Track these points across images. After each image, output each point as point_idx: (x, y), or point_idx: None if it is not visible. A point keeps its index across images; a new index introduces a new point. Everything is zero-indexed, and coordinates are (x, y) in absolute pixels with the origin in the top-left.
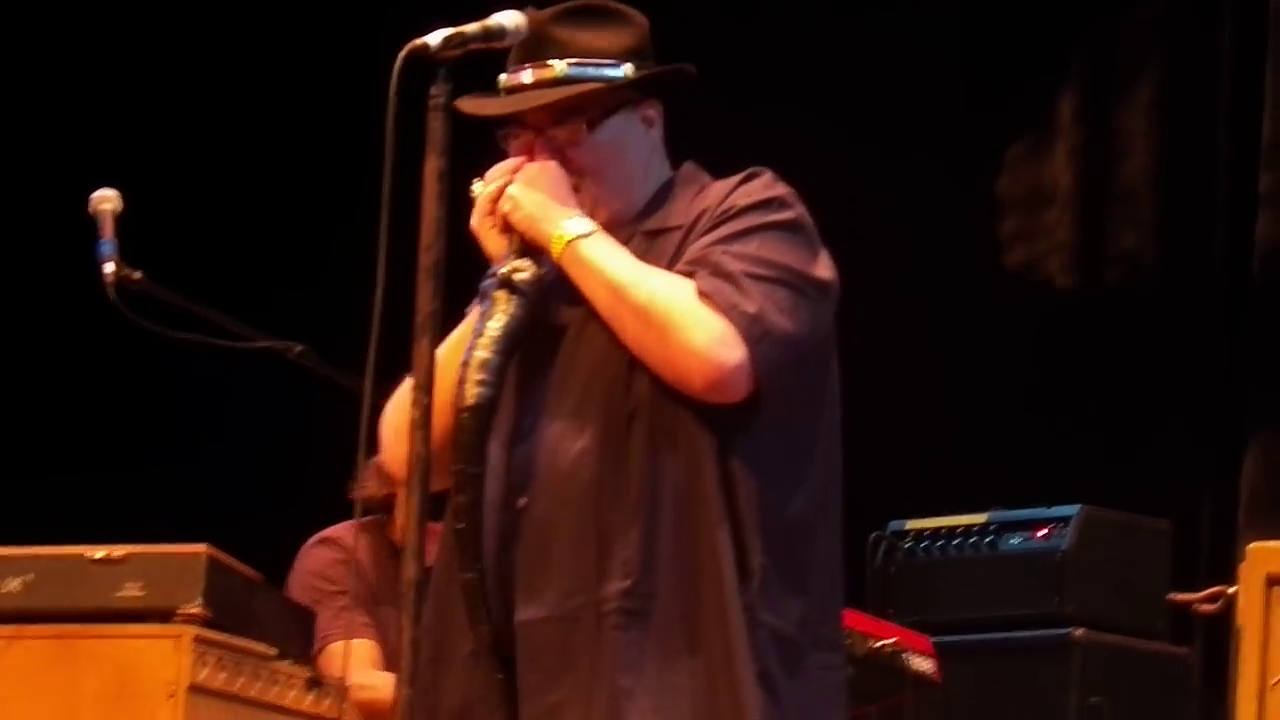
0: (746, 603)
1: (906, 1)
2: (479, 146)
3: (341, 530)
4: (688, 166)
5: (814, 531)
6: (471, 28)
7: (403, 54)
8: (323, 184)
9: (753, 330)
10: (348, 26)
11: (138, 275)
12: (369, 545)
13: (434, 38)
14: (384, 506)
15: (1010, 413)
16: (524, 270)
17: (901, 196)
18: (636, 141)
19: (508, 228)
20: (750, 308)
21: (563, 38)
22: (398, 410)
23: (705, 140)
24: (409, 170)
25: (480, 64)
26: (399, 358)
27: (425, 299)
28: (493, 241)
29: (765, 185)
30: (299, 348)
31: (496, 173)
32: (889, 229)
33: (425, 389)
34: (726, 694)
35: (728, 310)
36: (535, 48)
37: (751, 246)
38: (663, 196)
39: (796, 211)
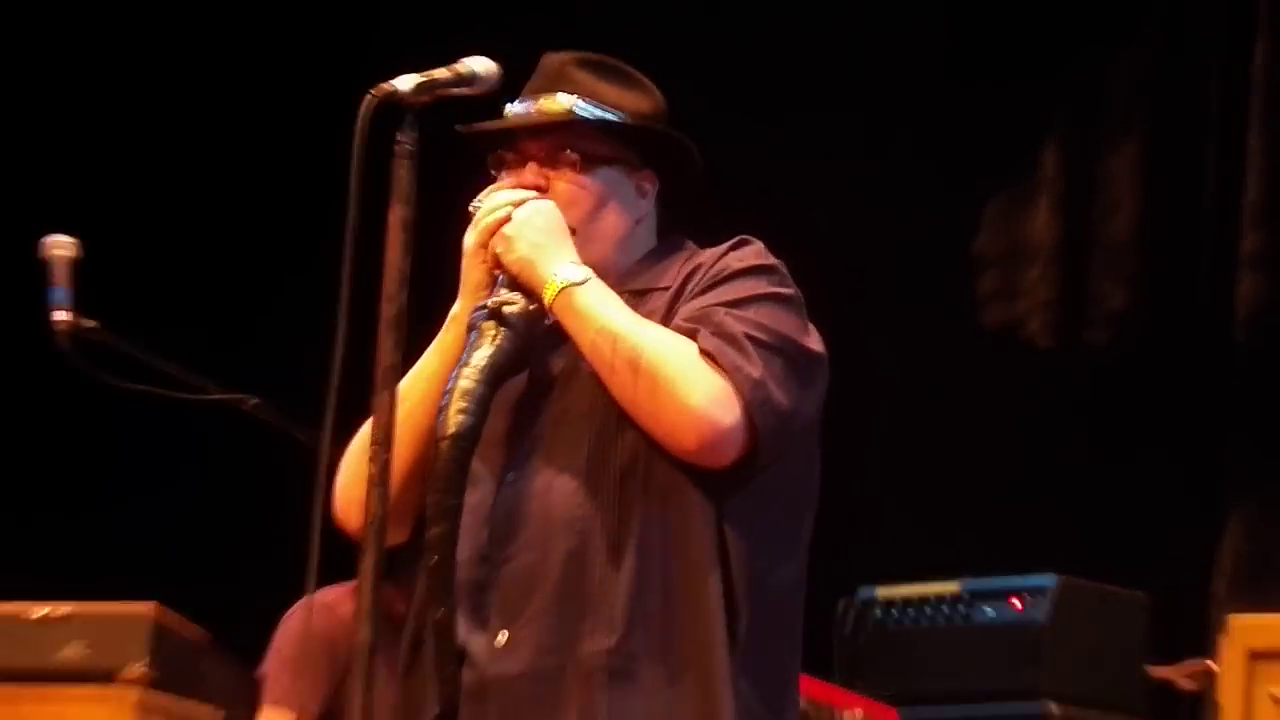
0: (732, 670)
1: (886, 55)
2: (445, 196)
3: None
4: (674, 235)
5: (790, 601)
6: (441, 73)
7: (370, 98)
8: (282, 234)
9: (756, 395)
10: (309, 74)
11: (92, 324)
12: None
13: (403, 82)
14: None
15: (984, 476)
16: (514, 304)
17: (876, 254)
18: (626, 202)
19: (498, 264)
20: (755, 372)
21: (579, 79)
22: (354, 457)
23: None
24: (371, 220)
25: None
26: (358, 411)
27: (386, 352)
28: (477, 272)
29: (758, 254)
30: (254, 400)
31: (497, 201)
32: (864, 286)
33: (384, 444)
34: None
35: (731, 371)
36: (551, 82)
37: (750, 312)
38: (649, 261)
39: (790, 285)
